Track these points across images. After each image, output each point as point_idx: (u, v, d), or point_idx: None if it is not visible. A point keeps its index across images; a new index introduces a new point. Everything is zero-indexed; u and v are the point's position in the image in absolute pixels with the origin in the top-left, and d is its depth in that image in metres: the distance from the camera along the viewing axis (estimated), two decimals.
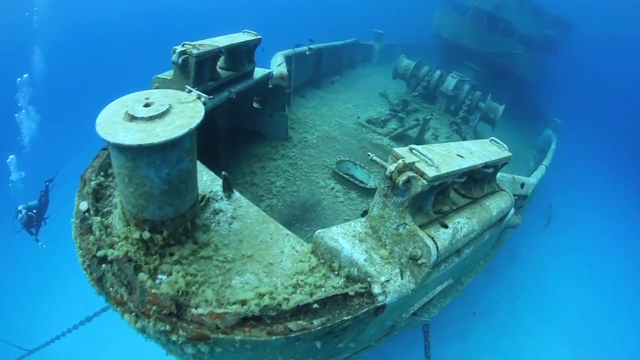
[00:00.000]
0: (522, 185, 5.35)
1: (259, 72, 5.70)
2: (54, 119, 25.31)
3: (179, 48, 3.78)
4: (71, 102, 27.88)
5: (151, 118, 1.78)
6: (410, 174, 2.21)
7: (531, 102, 18.64)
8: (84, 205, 2.54)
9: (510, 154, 3.21)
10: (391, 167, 2.26)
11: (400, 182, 2.18)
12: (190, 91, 2.11)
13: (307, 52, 9.17)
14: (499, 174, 3.39)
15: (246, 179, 5.42)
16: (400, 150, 2.37)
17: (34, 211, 13.44)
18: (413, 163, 2.23)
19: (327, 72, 11.43)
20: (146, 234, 2.09)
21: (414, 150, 2.36)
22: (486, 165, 2.82)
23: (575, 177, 21.60)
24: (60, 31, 32.16)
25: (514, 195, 5.60)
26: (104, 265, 2.20)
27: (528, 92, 18.43)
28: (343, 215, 5.14)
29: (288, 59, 7.81)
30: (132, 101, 1.89)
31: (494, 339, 11.21)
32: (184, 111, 1.88)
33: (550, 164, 8.97)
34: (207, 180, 3.00)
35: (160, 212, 2.04)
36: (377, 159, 2.46)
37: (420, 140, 8.11)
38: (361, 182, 6.19)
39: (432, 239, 2.32)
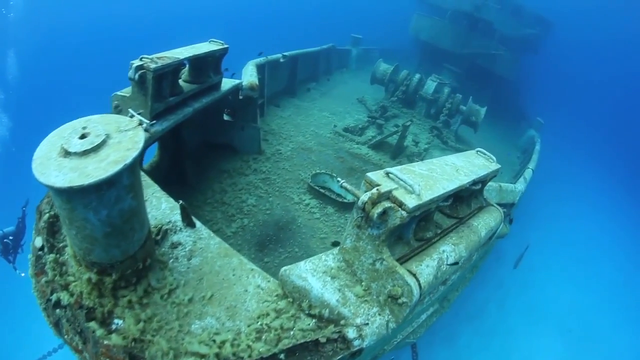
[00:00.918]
0: (510, 193, 5.29)
1: (227, 83, 5.54)
2: (28, 126, 24.49)
3: (136, 62, 3.59)
4: (46, 108, 27.02)
5: (85, 153, 1.61)
6: (387, 204, 2.00)
7: (513, 102, 18.88)
8: (38, 242, 2.41)
9: (498, 166, 3.10)
10: (364, 197, 2.03)
11: (375, 215, 1.96)
12: (132, 115, 1.92)
13: (282, 60, 9.03)
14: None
15: (216, 198, 5.24)
16: (375, 176, 2.18)
17: (11, 238, 12.89)
18: (390, 191, 2.03)
19: (303, 80, 11.32)
20: (94, 277, 1.94)
21: (390, 175, 2.18)
22: (474, 183, 2.69)
23: (558, 172, 21.95)
24: (35, 34, 31.51)
25: (501, 205, 5.56)
26: (58, 310, 2.08)
27: (509, 92, 18.65)
28: (319, 232, 4.99)
29: (260, 68, 7.66)
30: (69, 131, 1.72)
31: (483, 340, 11.21)
32: (121, 142, 1.70)
33: (536, 166, 8.94)
34: (166, 209, 2.81)
35: (107, 255, 1.88)
36: (348, 186, 2.24)
37: (400, 148, 8.03)
38: (338, 195, 6.05)
39: (414, 275, 2.15)
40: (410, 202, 1.99)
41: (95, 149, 1.62)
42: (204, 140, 6.13)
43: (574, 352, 12.50)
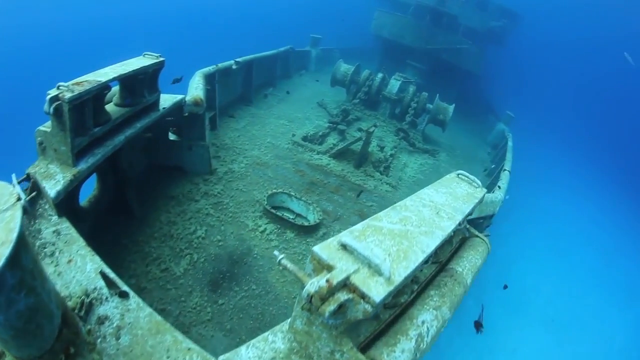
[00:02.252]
0: (490, 204, 5.19)
1: (168, 100, 5.22)
2: None
3: (52, 92, 3.23)
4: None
5: None
6: (344, 296, 1.61)
7: (479, 96, 19.11)
8: None
9: (484, 191, 2.89)
10: (309, 287, 1.63)
11: (327, 313, 1.57)
12: (14, 185, 1.62)
13: (234, 67, 8.70)
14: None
15: (164, 230, 4.90)
16: (325, 250, 1.76)
17: None
18: (347, 278, 1.63)
19: (260, 85, 11.04)
20: None
21: (348, 247, 1.76)
22: (460, 223, 2.40)
23: (530, 164, 22.42)
24: None
25: (481, 218, 5.44)
26: None
27: (476, 86, 18.87)
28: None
29: (210, 77, 7.34)
30: None
31: (465, 339, 11.22)
32: None
33: (512, 166, 8.87)
34: (92, 271, 2.52)
35: (24, 353, 1.66)
36: (288, 265, 1.85)
37: (363, 156, 7.86)
38: (298, 214, 5.84)
39: None
40: (377, 291, 1.59)
41: None
42: (149, 163, 5.80)
43: (559, 342, 12.73)
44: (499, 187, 6.27)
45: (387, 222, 2.07)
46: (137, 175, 5.43)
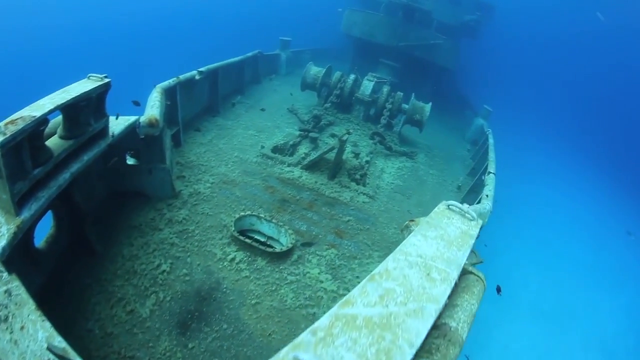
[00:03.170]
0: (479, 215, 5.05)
1: (120, 124, 4.94)
2: None
3: None
4: None
5: None
6: None
7: (455, 91, 19.19)
8: None
9: (480, 222, 2.69)
10: None
11: None
12: None
13: (197, 77, 8.41)
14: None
15: (127, 267, 4.62)
16: None
17: None
18: None
19: (228, 94, 10.79)
20: None
21: None
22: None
23: (510, 154, 22.70)
24: None
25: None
26: None
27: (451, 82, 18.93)
28: (250, 297, 4.51)
29: (170, 91, 7.05)
30: None
31: None
32: None
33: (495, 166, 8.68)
34: (43, 340, 2.28)
35: None
36: None
37: (338, 165, 7.67)
38: (269, 238, 5.63)
39: None
40: None
41: None
42: (109, 191, 5.51)
43: (551, 333, 12.82)
44: (487, 195, 6.12)
45: (363, 304, 1.76)
46: (96, 206, 5.16)
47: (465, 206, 2.75)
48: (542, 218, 20.78)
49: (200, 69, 8.61)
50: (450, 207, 2.79)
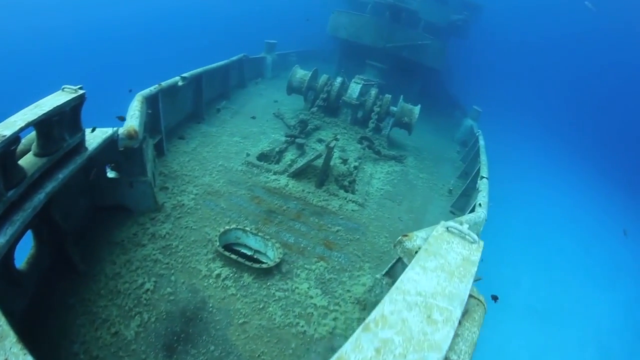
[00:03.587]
0: (473, 227, 4.98)
1: (97, 137, 4.79)
2: None
3: None
4: None
5: None
6: None
7: (444, 91, 19.22)
8: None
9: (481, 244, 2.60)
10: None
11: None
12: None
13: (180, 83, 8.26)
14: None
15: (110, 286, 4.47)
16: None
17: None
18: None
19: (213, 99, 10.67)
20: None
21: None
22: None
23: (499, 152, 22.91)
24: None
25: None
26: None
27: (439, 82, 18.95)
28: (237, 316, 4.39)
29: (152, 100, 6.91)
30: None
31: None
32: None
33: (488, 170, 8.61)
34: None
35: None
36: None
37: (325, 173, 7.58)
38: (256, 251, 5.51)
39: None
40: None
41: None
42: (92, 205, 5.37)
43: (544, 331, 12.86)
44: (480, 204, 6.04)
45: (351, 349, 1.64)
46: (78, 222, 5.01)
47: (465, 226, 2.65)
48: (533, 215, 20.90)
49: (183, 75, 8.48)
50: (449, 229, 2.69)
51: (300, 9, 34.83)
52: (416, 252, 3.61)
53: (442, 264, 2.29)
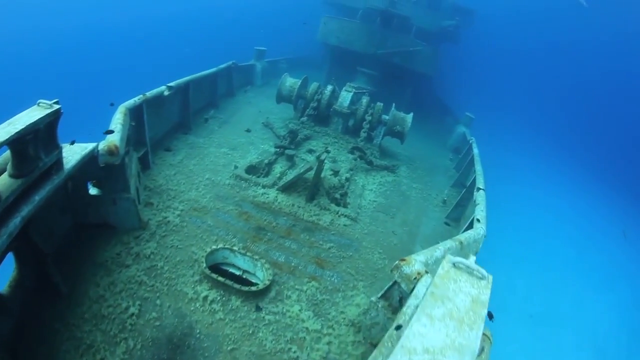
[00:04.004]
0: (473, 244, 4.86)
1: (77, 153, 4.59)
2: None
3: None
4: None
5: None
6: None
7: (435, 98, 19.24)
8: None
9: (490, 279, 2.43)
10: None
11: None
12: None
13: (166, 93, 8.08)
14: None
15: (94, 310, 4.29)
16: None
17: None
18: None
19: (201, 108, 10.52)
20: None
21: None
22: None
23: (490, 156, 22.99)
24: None
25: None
26: None
27: (431, 88, 18.95)
28: (226, 342, 4.22)
29: (136, 111, 6.74)
30: None
31: None
32: None
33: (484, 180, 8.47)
34: None
35: None
36: None
37: (316, 186, 7.43)
38: (245, 271, 5.34)
39: None
40: None
41: None
42: (74, 222, 5.17)
43: (540, 336, 12.83)
44: (479, 219, 5.92)
45: None
46: (60, 241, 4.82)
47: (472, 260, 2.50)
48: (526, 219, 20.91)
49: (169, 84, 8.30)
50: (456, 265, 2.51)
51: (290, 15, 34.79)
52: (415, 279, 3.48)
53: (451, 310, 2.13)
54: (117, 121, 5.72)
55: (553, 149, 33.27)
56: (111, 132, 5.47)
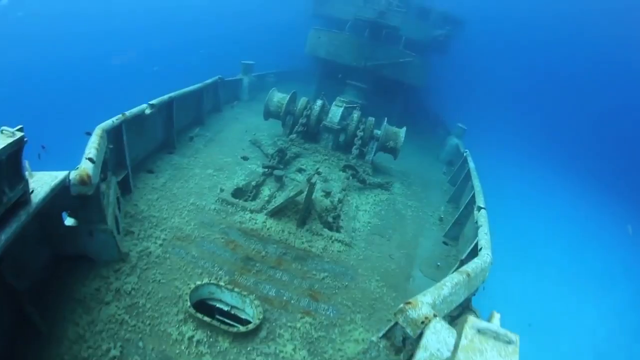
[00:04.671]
0: (480, 274, 4.62)
1: (46, 184, 4.26)
2: None
3: None
4: None
5: None
6: None
7: (426, 109, 19.17)
8: None
9: (518, 342, 2.19)
10: None
11: None
12: None
13: (148, 111, 7.75)
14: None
15: (73, 351, 3.98)
16: None
17: None
18: None
19: (186, 126, 10.24)
20: None
21: None
22: None
23: (484, 166, 23.00)
24: None
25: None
26: None
27: (421, 100, 18.88)
28: None
29: (114, 132, 6.42)
30: None
31: None
32: None
33: (483, 195, 8.09)
34: None
35: None
36: None
37: (307, 210, 7.13)
38: (233, 307, 5.01)
39: None
40: None
41: None
42: (52, 254, 4.85)
43: (538, 346, 12.72)
44: (482, 247, 5.65)
45: None
46: (38, 275, 4.53)
47: (496, 320, 2.24)
48: (517, 226, 20.85)
49: (151, 102, 7.99)
50: (480, 331, 2.23)
51: (278, 28, 34.77)
52: (422, 323, 3.19)
53: None
54: (93, 145, 5.36)
55: (543, 154, 33.52)
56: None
